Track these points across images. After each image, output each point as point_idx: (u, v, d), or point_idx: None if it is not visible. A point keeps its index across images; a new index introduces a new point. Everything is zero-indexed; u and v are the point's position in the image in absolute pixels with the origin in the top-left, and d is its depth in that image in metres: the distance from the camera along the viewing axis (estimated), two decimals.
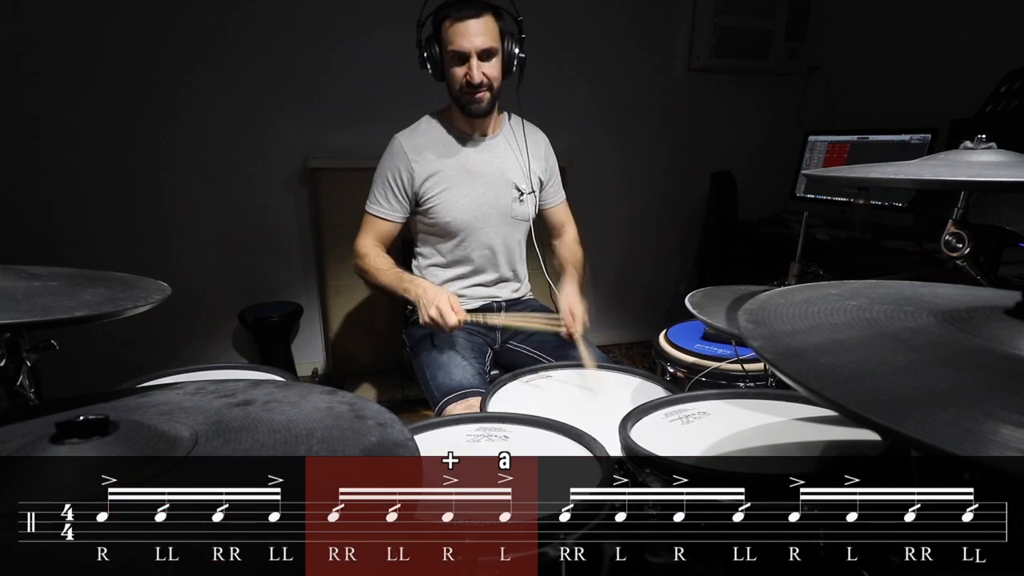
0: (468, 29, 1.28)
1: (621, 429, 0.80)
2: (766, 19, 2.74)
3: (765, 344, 0.49)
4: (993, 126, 1.83)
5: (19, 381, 0.76)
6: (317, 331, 2.57)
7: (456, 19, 1.29)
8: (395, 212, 1.43)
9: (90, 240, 2.20)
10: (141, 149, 2.19)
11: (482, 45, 1.30)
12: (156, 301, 0.71)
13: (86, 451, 0.48)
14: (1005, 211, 0.82)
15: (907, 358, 0.45)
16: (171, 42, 2.14)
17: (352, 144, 2.35)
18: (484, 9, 1.30)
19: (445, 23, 1.31)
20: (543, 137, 1.58)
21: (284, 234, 2.44)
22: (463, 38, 1.29)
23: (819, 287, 0.65)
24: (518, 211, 1.50)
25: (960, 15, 2.43)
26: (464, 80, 1.33)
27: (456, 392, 1.25)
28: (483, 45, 1.30)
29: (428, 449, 0.83)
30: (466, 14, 1.28)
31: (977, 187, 0.70)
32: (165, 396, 0.65)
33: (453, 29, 1.29)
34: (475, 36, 1.29)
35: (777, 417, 0.88)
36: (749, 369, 1.22)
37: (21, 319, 0.58)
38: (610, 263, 2.94)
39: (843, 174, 0.75)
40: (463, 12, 1.28)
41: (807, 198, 2.59)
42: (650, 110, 2.81)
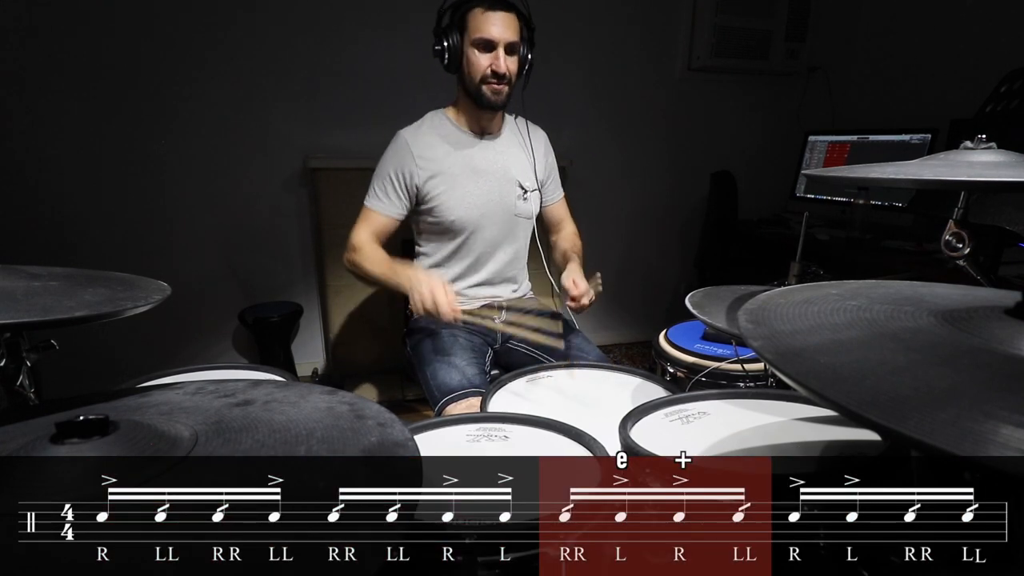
0: (500, 19, 1.32)
1: (621, 429, 0.80)
2: (766, 19, 2.74)
3: (765, 344, 0.49)
4: (993, 126, 1.83)
5: (19, 381, 0.76)
6: (317, 331, 2.57)
7: (488, 8, 1.32)
8: (395, 208, 1.43)
9: (90, 240, 2.20)
10: (141, 149, 2.19)
11: (511, 37, 1.33)
12: (156, 301, 0.71)
13: (86, 451, 0.48)
14: (1005, 211, 0.82)
15: (907, 358, 0.45)
16: (171, 41, 2.14)
17: (352, 144, 2.35)
18: (511, 7, 1.34)
19: (475, 11, 1.33)
20: (543, 135, 1.59)
21: (284, 234, 2.44)
22: (494, 26, 1.31)
23: (819, 287, 0.65)
24: (522, 209, 1.50)
25: (960, 15, 2.43)
26: (488, 69, 1.34)
27: (456, 392, 1.25)
28: (511, 38, 1.33)
29: (428, 449, 0.83)
30: (498, 5, 1.32)
31: (977, 187, 0.70)
32: (165, 396, 0.65)
33: (484, 17, 1.32)
34: (506, 28, 1.32)
35: (777, 417, 0.88)
36: (749, 369, 1.22)
37: (21, 319, 0.58)
38: (610, 263, 2.93)
39: (843, 174, 0.75)
40: (495, 3, 1.32)
41: (807, 198, 2.59)
42: (650, 110, 2.81)
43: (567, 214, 1.66)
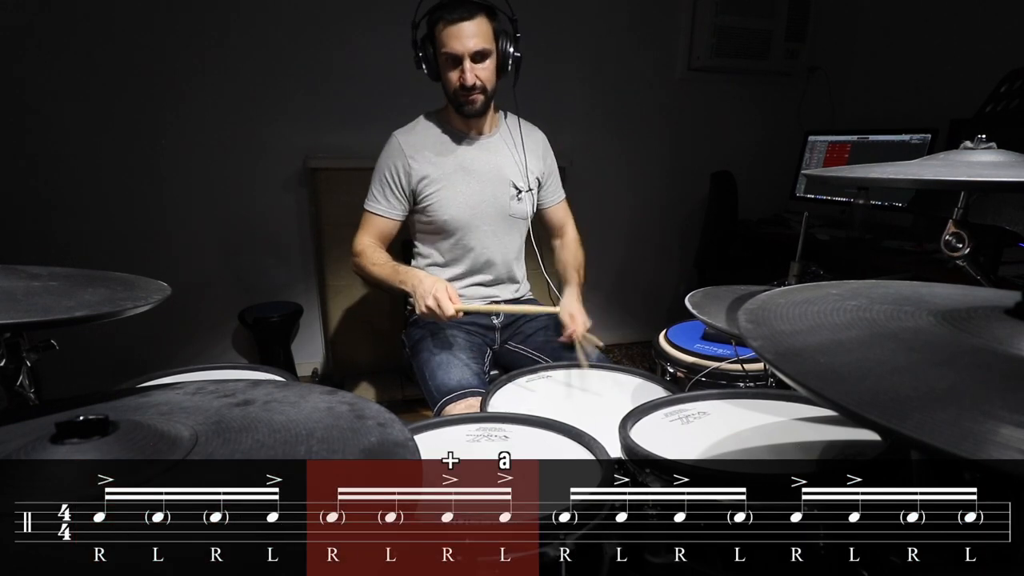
0: (461, 31, 1.28)
1: (621, 429, 0.80)
2: (766, 19, 2.73)
3: (765, 344, 0.49)
4: (993, 126, 1.83)
5: (19, 381, 0.76)
6: (317, 331, 2.57)
7: (449, 21, 1.28)
8: (393, 210, 1.43)
9: (90, 240, 2.20)
10: (141, 149, 2.19)
11: (475, 47, 1.29)
12: (156, 301, 0.71)
13: (86, 451, 0.48)
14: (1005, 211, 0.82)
15: (907, 358, 0.45)
16: (171, 42, 2.14)
17: (352, 144, 2.35)
18: (477, 10, 1.28)
19: (439, 25, 1.30)
20: (541, 136, 1.58)
21: (284, 234, 2.44)
22: (456, 40, 1.28)
23: (819, 287, 0.65)
24: (516, 209, 1.50)
25: (960, 15, 2.43)
26: (458, 83, 1.33)
27: (456, 392, 1.25)
28: (476, 47, 1.29)
29: (428, 449, 0.83)
30: (458, 16, 1.27)
31: (977, 187, 0.70)
32: (165, 396, 0.65)
33: (446, 32, 1.29)
34: (468, 38, 1.28)
35: (777, 417, 0.88)
36: (749, 369, 1.21)
37: (21, 319, 0.58)
38: (610, 263, 2.93)
39: (843, 174, 0.75)
40: (455, 14, 1.27)
41: (807, 198, 2.59)
42: (650, 110, 2.81)
43: (569, 217, 1.64)
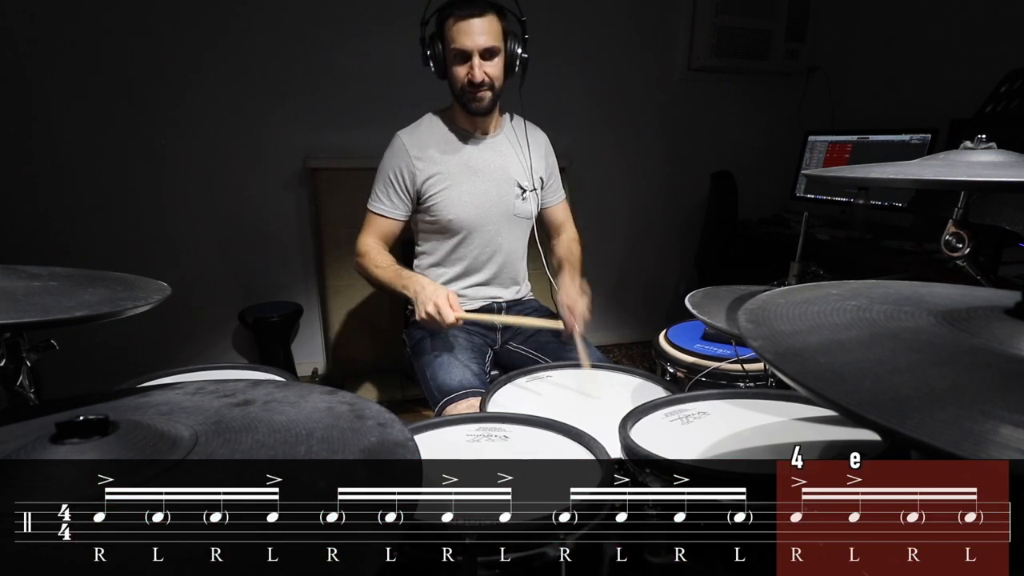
0: (471, 28, 1.28)
1: (621, 429, 0.80)
2: (766, 19, 2.74)
3: (765, 344, 0.49)
4: (993, 126, 1.83)
5: (19, 381, 0.76)
6: (317, 331, 2.57)
7: (459, 17, 1.29)
8: (397, 210, 1.43)
9: (90, 240, 2.20)
10: (141, 149, 2.20)
11: (484, 44, 1.30)
12: (156, 301, 0.71)
13: (86, 451, 0.48)
14: (1005, 211, 0.82)
15: (907, 358, 0.45)
16: (171, 42, 2.14)
17: (352, 144, 2.35)
18: (487, 8, 1.30)
19: (448, 21, 1.31)
20: (544, 136, 1.58)
21: (284, 234, 2.44)
22: (466, 36, 1.29)
23: (819, 287, 0.65)
24: (520, 209, 1.50)
25: (960, 15, 2.43)
26: (466, 79, 1.33)
27: (456, 392, 1.25)
28: (485, 44, 1.30)
29: (428, 449, 0.83)
30: (469, 13, 1.28)
31: (977, 187, 0.70)
32: (165, 396, 0.65)
33: (456, 28, 1.29)
34: (478, 35, 1.29)
35: (777, 417, 0.88)
36: (749, 369, 1.21)
37: (21, 319, 0.58)
38: (610, 263, 2.93)
39: (843, 174, 0.75)
40: (466, 11, 1.28)
41: (807, 198, 2.59)
42: (650, 110, 2.81)
43: (568, 217, 1.64)
